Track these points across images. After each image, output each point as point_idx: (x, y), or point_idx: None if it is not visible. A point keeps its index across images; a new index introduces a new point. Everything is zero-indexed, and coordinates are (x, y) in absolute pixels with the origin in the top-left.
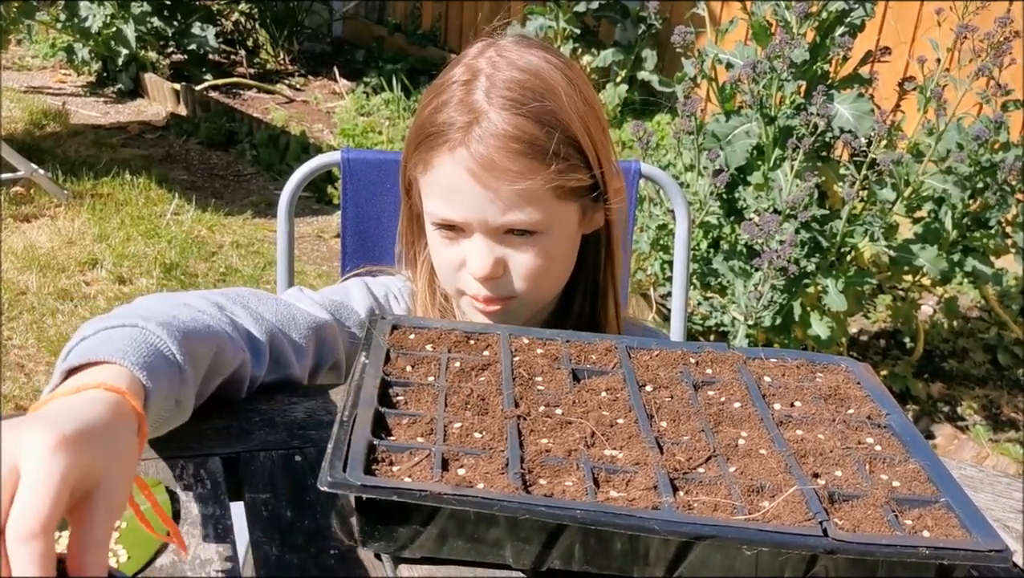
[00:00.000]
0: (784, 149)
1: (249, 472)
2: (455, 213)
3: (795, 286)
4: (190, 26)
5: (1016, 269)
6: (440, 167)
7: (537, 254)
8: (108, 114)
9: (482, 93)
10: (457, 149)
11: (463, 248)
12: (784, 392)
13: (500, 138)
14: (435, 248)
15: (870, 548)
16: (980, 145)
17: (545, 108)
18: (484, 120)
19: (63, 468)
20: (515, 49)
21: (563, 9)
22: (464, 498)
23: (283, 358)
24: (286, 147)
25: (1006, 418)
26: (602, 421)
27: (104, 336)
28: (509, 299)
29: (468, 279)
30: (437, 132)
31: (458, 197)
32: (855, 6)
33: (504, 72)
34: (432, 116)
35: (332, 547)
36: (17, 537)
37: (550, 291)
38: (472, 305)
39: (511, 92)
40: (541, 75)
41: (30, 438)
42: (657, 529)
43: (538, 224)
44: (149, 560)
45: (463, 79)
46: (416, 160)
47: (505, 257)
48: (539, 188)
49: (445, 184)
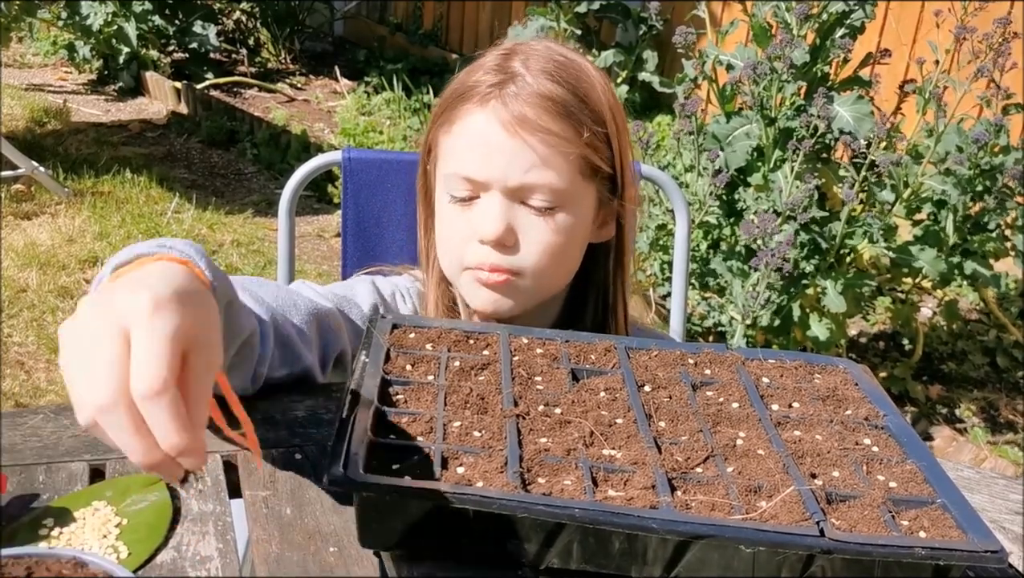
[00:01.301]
0: (784, 151)
1: (249, 470)
2: (476, 168)
3: (794, 287)
4: (191, 25)
5: (1015, 272)
6: (468, 119)
7: (550, 229)
8: (109, 112)
9: (520, 63)
10: (489, 102)
11: (474, 214)
12: (782, 393)
13: (535, 96)
14: (443, 223)
15: (866, 548)
16: (980, 148)
17: (580, 87)
18: (520, 80)
19: (169, 327)
20: (554, 43)
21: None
22: (463, 496)
23: (290, 343)
24: (287, 146)
25: (1004, 421)
26: (601, 421)
27: (154, 244)
28: (514, 275)
29: (474, 249)
30: (467, 89)
31: (483, 149)
32: (855, 8)
33: (543, 52)
34: (464, 80)
35: (332, 545)
36: (145, 397)
37: (554, 280)
38: (474, 278)
39: (548, 67)
40: (577, 63)
41: (130, 303)
42: (655, 528)
43: (557, 194)
44: (149, 556)
45: (499, 54)
46: (441, 122)
47: (517, 226)
48: (566, 153)
49: (470, 135)
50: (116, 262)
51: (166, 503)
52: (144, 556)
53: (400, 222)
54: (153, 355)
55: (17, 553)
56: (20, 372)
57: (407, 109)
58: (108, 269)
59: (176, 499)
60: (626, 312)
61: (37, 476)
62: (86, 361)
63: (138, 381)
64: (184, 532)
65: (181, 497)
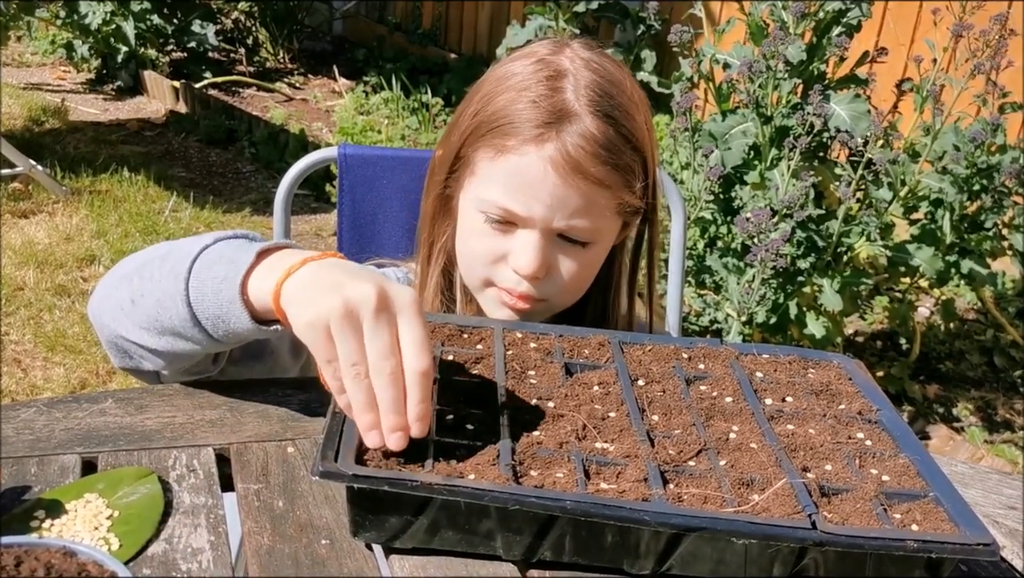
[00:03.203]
0: (781, 149)
1: (242, 463)
2: (521, 205)
3: (791, 285)
4: (190, 24)
5: (1013, 272)
6: (520, 156)
7: (580, 264)
8: (107, 111)
9: (571, 92)
10: (547, 143)
11: (511, 241)
12: (776, 387)
13: (591, 142)
14: (472, 236)
15: (859, 541)
16: (977, 147)
17: (629, 122)
18: (576, 121)
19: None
20: (589, 53)
21: (563, 9)
22: (455, 489)
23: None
24: (285, 145)
25: (1001, 420)
26: (594, 414)
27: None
28: (540, 301)
29: (505, 272)
30: (521, 121)
31: (531, 190)
32: (851, 6)
33: (587, 74)
34: (513, 105)
35: (324, 538)
36: (417, 371)
37: (574, 300)
38: (499, 298)
39: (599, 97)
40: (623, 88)
41: (399, 290)
42: (647, 520)
43: (593, 234)
44: (141, 548)
45: (545, 74)
46: (483, 144)
47: (552, 260)
48: (611, 200)
49: (520, 174)
50: (261, 244)
51: (158, 495)
52: (135, 548)
53: (396, 218)
54: (422, 344)
55: (7, 542)
56: (17, 370)
57: (405, 109)
58: (228, 249)
59: (168, 492)
60: (631, 311)
61: (29, 468)
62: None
63: (414, 360)
64: (176, 524)
65: (173, 490)
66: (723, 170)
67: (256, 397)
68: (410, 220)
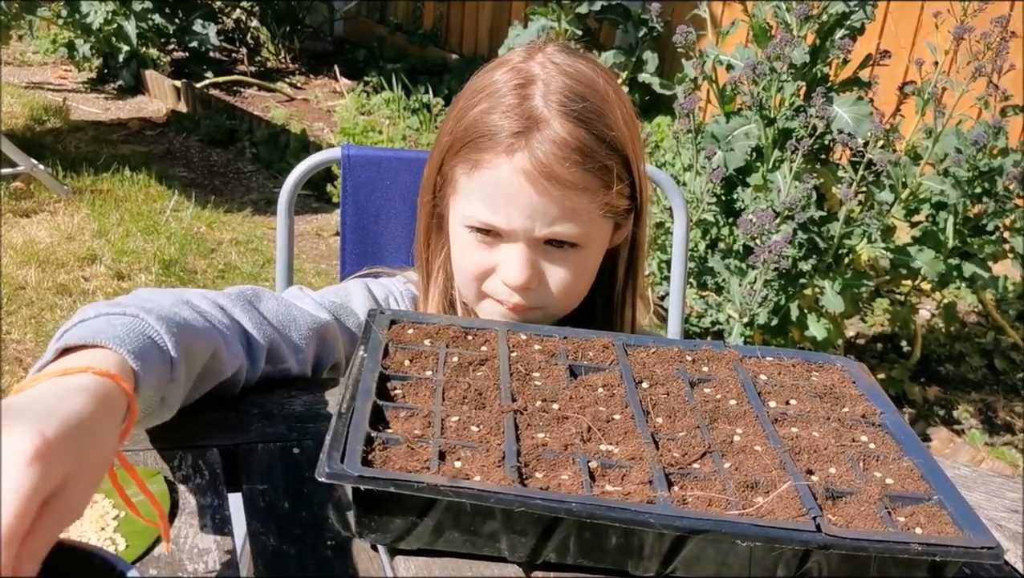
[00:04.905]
0: (783, 151)
1: (247, 464)
2: (501, 218)
3: (792, 286)
4: (191, 23)
5: (1014, 275)
6: (493, 169)
7: (572, 268)
8: (108, 110)
9: (540, 99)
10: (516, 153)
11: (497, 254)
12: (780, 390)
13: (562, 147)
14: (462, 251)
15: (863, 544)
16: (979, 150)
17: (603, 122)
18: (545, 127)
19: (36, 481)
20: (563, 56)
21: (565, 11)
22: (460, 490)
23: (280, 359)
24: (286, 145)
25: (1002, 422)
26: (598, 416)
27: (104, 321)
28: (536, 309)
29: (497, 284)
30: (491, 133)
31: (508, 202)
32: (855, 9)
33: (558, 79)
34: (484, 117)
35: (329, 538)
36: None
37: (573, 304)
38: (496, 310)
39: (569, 101)
40: (596, 88)
41: (11, 442)
42: (652, 522)
43: (580, 238)
44: (148, 549)
45: (515, 82)
46: (460, 160)
47: (542, 268)
48: (590, 203)
49: (495, 187)
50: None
51: (164, 495)
52: (142, 548)
53: (399, 219)
54: (9, 507)
55: None
56: (19, 369)
57: (406, 109)
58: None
59: (174, 492)
60: (635, 316)
61: None
62: None
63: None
64: (182, 525)
65: (179, 490)
66: (725, 172)
67: (261, 398)
68: (413, 221)
